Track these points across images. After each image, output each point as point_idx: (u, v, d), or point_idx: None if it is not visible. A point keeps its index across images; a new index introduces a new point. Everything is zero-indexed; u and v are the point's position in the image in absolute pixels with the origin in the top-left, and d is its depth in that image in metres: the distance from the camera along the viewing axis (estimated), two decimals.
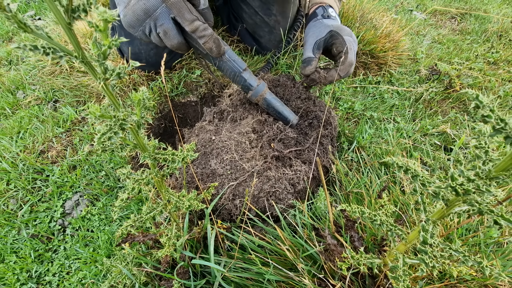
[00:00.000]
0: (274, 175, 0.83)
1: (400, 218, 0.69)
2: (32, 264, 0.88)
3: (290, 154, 0.89)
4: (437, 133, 1.15)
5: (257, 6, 1.26)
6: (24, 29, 0.33)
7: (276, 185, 0.81)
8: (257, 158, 0.85)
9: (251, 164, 0.83)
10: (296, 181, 0.85)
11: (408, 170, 0.43)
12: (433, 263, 0.40)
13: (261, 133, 0.91)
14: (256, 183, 0.81)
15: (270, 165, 0.85)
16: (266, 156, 0.86)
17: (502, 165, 0.33)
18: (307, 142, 0.93)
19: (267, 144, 0.89)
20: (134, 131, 0.49)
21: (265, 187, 0.81)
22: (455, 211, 0.40)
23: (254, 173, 0.82)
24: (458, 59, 1.45)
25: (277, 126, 0.92)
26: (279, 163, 0.88)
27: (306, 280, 0.58)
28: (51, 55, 0.36)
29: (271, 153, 0.86)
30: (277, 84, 1.01)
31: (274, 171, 0.84)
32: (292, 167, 0.88)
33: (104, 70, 0.39)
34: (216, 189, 0.82)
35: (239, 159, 0.83)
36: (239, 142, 0.86)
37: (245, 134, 0.89)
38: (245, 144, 0.86)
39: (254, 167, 0.82)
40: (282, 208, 0.81)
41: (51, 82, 1.38)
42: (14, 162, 1.09)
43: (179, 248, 0.67)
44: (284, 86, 1.00)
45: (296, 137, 0.92)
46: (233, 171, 0.83)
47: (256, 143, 0.88)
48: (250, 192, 0.79)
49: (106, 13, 0.33)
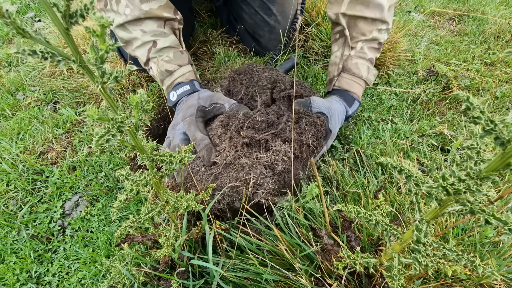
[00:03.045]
0: (247, 162, 0.83)
1: (396, 218, 0.70)
2: (32, 265, 0.88)
3: (267, 137, 0.89)
4: (435, 134, 1.16)
5: (257, 5, 1.27)
6: (22, 35, 0.33)
7: (250, 171, 0.81)
8: (227, 149, 0.85)
9: (222, 157, 0.84)
10: (274, 163, 0.84)
11: (402, 171, 0.44)
12: (426, 262, 0.41)
13: (227, 126, 0.90)
14: (231, 173, 0.81)
15: (240, 153, 0.84)
16: (236, 145, 0.85)
17: (492, 165, 0.33)
18: (281, 123, 0.91)
19: (236, 134, 0.88)
20: (132, 133, 0.50)
21: (240, 175, 0.80)
22: (448, 210, 0.41)
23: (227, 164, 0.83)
24: (455, 60, 1.46)
25: (242, 113, 0.91)
26: (252, 149, 0.87)
27: (303, 280, 0.59)
28: (49, 60, 0.36)
29: (240, 141, 0.86)
30: (240, 72, 1.04)
31: (246, 158, 0.83)
32: (269, 150, 0.87)
33: (102, 74, 0.40)
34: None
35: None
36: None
37: (212, 129, 0.91)
38: (213, 140, 0.89)
39: (226, 159, 0.83)
40: (263, 193, 0.80)
41: (50, 83, 1.38)
42: (14, 163, 1.10)
43: (177, 249, 0.68)
44: (249, 74, 1.03)
45: (266, 120, 0.91)
46: (206, 168, 0.84)
47: (224, 136, 0.88)
48: (228, 184, 0.80)
49: (103, 18, 0.34)
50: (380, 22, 1.01)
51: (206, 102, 0.95)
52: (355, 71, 1.05)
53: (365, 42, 1.04)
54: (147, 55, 1.00)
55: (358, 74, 1.05)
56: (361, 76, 1.05)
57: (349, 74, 1.06)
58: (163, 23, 0.99)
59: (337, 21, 1.06)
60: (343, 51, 1.08)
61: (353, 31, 1.04)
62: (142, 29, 0.96)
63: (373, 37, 1.03)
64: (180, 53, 1.03)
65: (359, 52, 1.05)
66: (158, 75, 1.02)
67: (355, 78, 1.06)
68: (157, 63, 1.00)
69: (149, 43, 0.98)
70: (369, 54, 1.06)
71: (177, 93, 1.00)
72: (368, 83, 1.07)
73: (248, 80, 1.03)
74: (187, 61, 1.05)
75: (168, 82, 1.03)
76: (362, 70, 1.05)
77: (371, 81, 1.08)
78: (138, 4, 0.92)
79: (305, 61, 1.42)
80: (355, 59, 1.05)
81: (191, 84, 1.00)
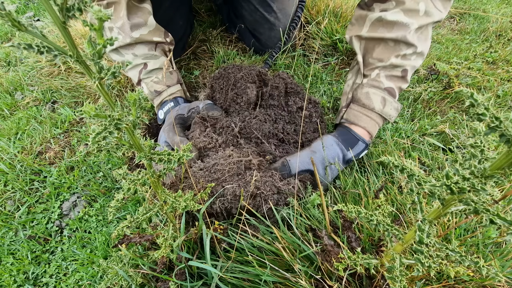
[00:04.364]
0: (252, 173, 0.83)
1: (397, 218, 0.69)
2: (29, 266, 0.87)
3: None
4: (436, 133, 1.15)
5: (257, 3, 1.26)
6: (18, 28, 0.33)
7: (259, 183, 0.81)
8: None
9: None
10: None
11: (404, 170, 0.43)
12: (429, 263, 0.40)
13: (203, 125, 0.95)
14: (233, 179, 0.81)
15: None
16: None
17: (497, 163, 0.32)
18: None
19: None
20: (129, 131, 0.49)
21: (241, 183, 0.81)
22: (452, 210, 0.40)
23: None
24: (457, 59, 1.45)
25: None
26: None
27: (302, 281, 0.58)
28: (45, 54, 0.36)
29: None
30: (217, 77, 1.06)
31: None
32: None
33: (99, 70, 0.39)
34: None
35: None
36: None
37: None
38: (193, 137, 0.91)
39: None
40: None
41: (49, 83, 1.38)
42: (12, 163, 1.09)
43: (175, 249, 0.67)
44: (226, 77, 1.04)
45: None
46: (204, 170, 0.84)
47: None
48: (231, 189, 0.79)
49: (101, 12, 0.33)
50: (405, 45, 0.83)
51: (184, 110, 1.00)
52: (365, 102, 0.88)
53: (382, 69, 0.88)
54: (138, 76, 1.06)
55: (369, 105, 0.88)
56: (373, 108, 0.88)
57: (358, 105, 0.90)
58: (154, 46, 1.05)
59: (350, 45, 0.93)
60: (355, 79, 0.94)
61: (370, 57, 0.89)
62: (134, 52, 1.02)
63: (393, 63, 0.85)
64: (169, 73, 1.09)
65: (372, 80, 0.89)
66: (149, 95, 1.08)
67: (365, 110, 0.89)
68: (147, 84, 1.06)
69: (140, 65, 1.05)
70: (387, 83, 0.88)
71: (163, 111, 1.06)
72: (385, 117, 0.89)
73: (226, 84, 1.04)
74: (176, 81, 1.10)
75: (157, 102, 1.09)
76: (374, 101, 0.87)
77: (390, 116, 0.89)
78: (128, 32, 0.97)
79: (305, 59, 1.41)
80: (366, 88, 0.89)
81: (174, 101, 1.07)
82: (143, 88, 1.08)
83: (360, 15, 0.89)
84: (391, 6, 0.82)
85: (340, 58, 1.42)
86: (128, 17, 0.97)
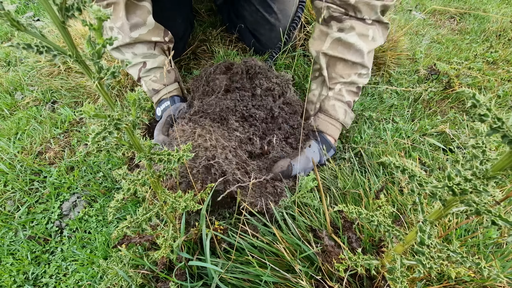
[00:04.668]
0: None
1: (398, 219, 0.69)
2: (29, 266, 0.87)
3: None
4: (436, 133, 1.15)
5: (258, 3, 1.26)
6: (17, 27, 0.33)
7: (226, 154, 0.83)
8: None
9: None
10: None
11: (405, 170, 0.43)
12: (430, 265, 0.40)
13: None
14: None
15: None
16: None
17: (499, 164, 0.32)
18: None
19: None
20: (129, 131, 0.49)
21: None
22: (453, 211, 0.40)
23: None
24: (457, 59, 1.45)
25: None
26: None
27: (303, 282, 0.58)
28: (44, 54, 0.35)
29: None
30: (195, 79, 1.09)
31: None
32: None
33: (99, 69, 0.39)
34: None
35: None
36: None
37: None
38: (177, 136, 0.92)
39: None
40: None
41: (49, 83, 1.37)
42: (12, 164, 1.09)
43: (175, 250, 0.67)
44: (200, 76, 1.08)
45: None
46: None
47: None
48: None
49: (100, 11, 0.33)
50: (361, 67, 0.98)
51: (176, 111, 1.05)
52: (332, 113, 1.01)
53: (343, 84, 1.01)
54: (138, 74, 1.10)
55: (335, 116, 1.01)
56: (338, 119, 1.01)
57: (326, 115, 1.02)
58: (153, 45, 1.08)
59: (316, 60, 1.04)
60: (321, 91, 1.05)
61: (332, 71, 1.01)
62: (134, 51, 1.05)
63: (352, 80, 0.99)
64: (167, 72, 1.12)
65: (337, 94, 1.02)
66: (148, 92, 1.13)
67: (332, 120, 1.02)
68: (146, 83, 1.11)
69: (139, 64, 1.09)
70: (347, 97, 1.02)
71: (161, 108, 1.11)
72: (344, 126, 1.04)
73: (199, 82, 1.07)
74: (173, 79, 1.14)
75: (155, 100, 1.13)
76: (339, 113, 1.01)
77: (347, 124, 1.04)
78: (128, 32, 1.00)
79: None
80: (333, 101, 1.01)
81: (171, 99, 1.11)
82: (142, 86, 1.12)
83: (321, 31, 1.00)
84: (346, 26, 0.94)
85: None
86: (127, 17, 0.99)
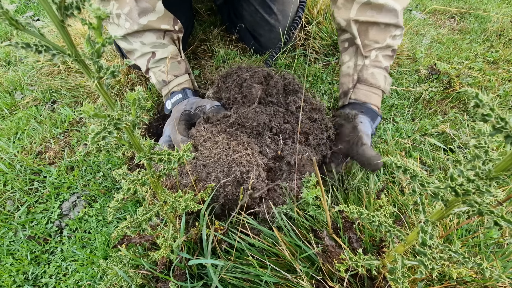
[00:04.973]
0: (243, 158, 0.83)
1: (399, 219, 0.69)
2: (29, 266, 0.87)
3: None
4: (437, 133, 1.14)
5: (258, 4, 1.26)
6: (15, 26, 0.32)
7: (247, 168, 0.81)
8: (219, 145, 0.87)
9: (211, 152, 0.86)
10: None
11: (406, 170, 0.42)
12: (432, 265, 0.39)
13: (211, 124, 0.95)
14: (222, 167, 0.81)
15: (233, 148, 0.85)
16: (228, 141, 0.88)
17: (502, 165, 0.32)
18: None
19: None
20: (129, 130, 0.49)
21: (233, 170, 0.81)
22: (455, 212, 0.39)
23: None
24: (457, 59, 1.45)
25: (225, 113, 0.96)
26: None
27: (303, 282, 0.57)
28: (43, 53, 0.35)
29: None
30: (225, 76, 1.06)
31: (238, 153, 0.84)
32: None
33: (98, 69, 0.39)
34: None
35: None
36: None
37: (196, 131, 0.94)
38: (197, 140, 0.91)
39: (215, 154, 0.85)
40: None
41: (49, 82, 1.37)
42: (12, 163, 1.09)
43: (175, 250, 0.67)
44: (233, 76, 1.04)
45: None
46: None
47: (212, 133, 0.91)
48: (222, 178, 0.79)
49: (100, 10, 0.33)
50: (394, 28, 0.94)
51: (192, 107, 0.99)
52: (372, 81, 0.98)
53: (379, 50, 0.97)
54: (147, 65, 1.04)
55: (376, 84, 0.98)
56: (379, 86, 0.98)
57: (366, 85, 0.99)
58: (162, 34, 1.02)
59: (346, 29, 0.99)
60: (356, 61, 1.01)
61: (365, 38, 0.97)
62: (142, 41, 1.00)
63: (387, 44, 0.96)
64: (177, 63, 1.07)
65: (374, 61, 0.98)
66: (157, 84, 1.07)
67: (373, 88, 0.99)
68: (155, 74, 1.05)
69: (148, 54, 1.02)
70: (384, 62, 0.99)
71: (171, 101, 1.05)
72: (385, 92, 1.01)
73: (232, 83, 1.03)
74: (184, 71, 1.08)
75: (165, 92, 1.08)
76: (379, 80, 0.98)
77: (388, 91, 1.01)
78: (136, 18, 0.94)
79: (305, 59, 1.41)
80: (371, 69, 0.98)
81: (183, 92, 1.05)
82: (151, 77, 1.07)
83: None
84: None
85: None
86: (135, 1, 0.93)
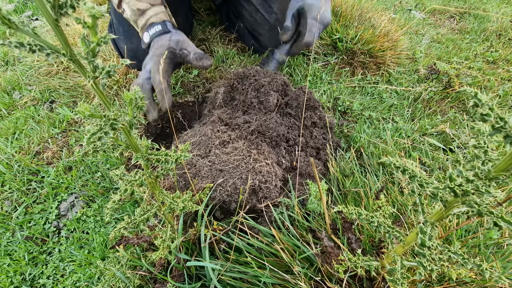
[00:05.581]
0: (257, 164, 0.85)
1: (398, 220, 0.68)
2: (26, 267, 0.87)
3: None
4: (436, 132, 1.14)
5: (258, 3, 1.25)
6: (8, 25, 0.32)
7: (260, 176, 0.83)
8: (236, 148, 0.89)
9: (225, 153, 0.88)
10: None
11: (405, 171, 0.42)
12: (431, 266, 0.39)
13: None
14: (236, 170, 0.82)
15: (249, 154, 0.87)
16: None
17: (501, 165, 0.31)
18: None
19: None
20: (126, 131, 0.48)
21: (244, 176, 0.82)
22: (454, 212, 0.39)
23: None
24: (457, 59, 1.45)
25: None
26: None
27: (302, 283, 0.57)
28: (37, 52, 0.35)
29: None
30: (241, 77, 1.07)
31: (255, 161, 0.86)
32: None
33: (94, 69, 0.38)
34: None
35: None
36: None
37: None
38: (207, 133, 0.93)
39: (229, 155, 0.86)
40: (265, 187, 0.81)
41: (47, 82, 1.37)
42: (9, 163, 1.08)
43: (174, 251, 0.66)
44: (250, 78, 1.05)
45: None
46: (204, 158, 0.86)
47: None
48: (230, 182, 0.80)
49: (94, 8, 0.32)
50: None
51: (177, 46, 0.95)
52: None
53: None
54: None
55: None
56: None
57: None
58: None
59: None
60: None
61: None
62: None
63: None
64: None
65: None
66: (131, 16, 0.99)
67: None
68: (129, 4, 0.97)
69: None
70: None
71: (149, 33, 0.97)
72: None
73: (249, 86, 1.03)
74: (160, 1, 1.01)
75: (141, 23, 0.99)
76: None
77: None
78: None
79: (305, 59, 1.41)
80: None
81: (163, 24, 0.98)
82: (125, 10, 1.00)
83: None
84: None
85: (340, 58, 1.41)
86: None
